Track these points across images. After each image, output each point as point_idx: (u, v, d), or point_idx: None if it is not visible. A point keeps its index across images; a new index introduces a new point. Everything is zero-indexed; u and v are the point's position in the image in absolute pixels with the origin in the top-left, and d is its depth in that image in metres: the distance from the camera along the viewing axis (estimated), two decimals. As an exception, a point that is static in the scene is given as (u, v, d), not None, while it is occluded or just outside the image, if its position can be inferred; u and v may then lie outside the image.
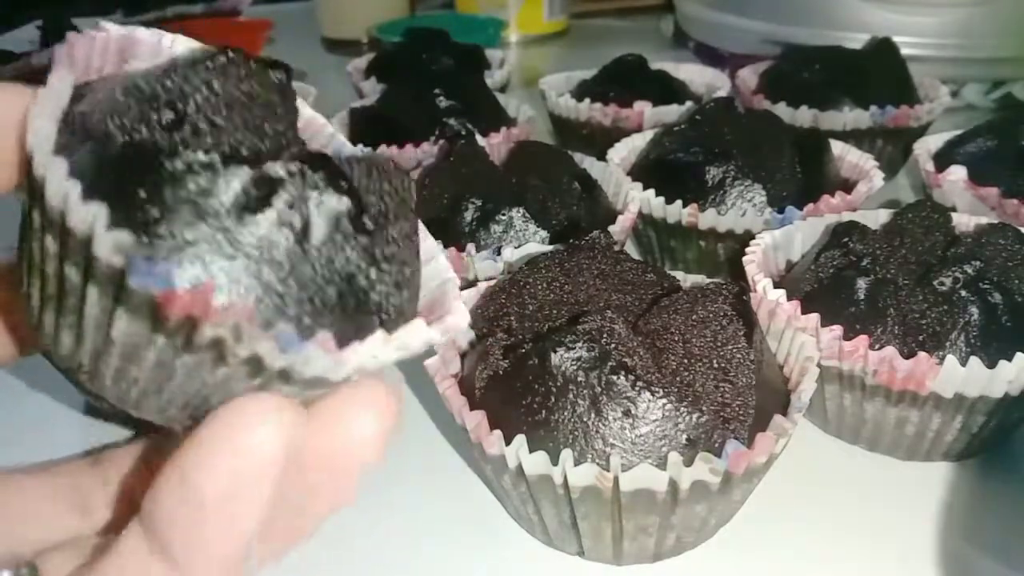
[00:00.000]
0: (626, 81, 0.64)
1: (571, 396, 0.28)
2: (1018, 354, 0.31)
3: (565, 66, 0.73)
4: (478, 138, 0.49)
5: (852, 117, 0.58)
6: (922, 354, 0.32)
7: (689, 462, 0.27)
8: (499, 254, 0.40)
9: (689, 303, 0.31)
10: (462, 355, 0.34)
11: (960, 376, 0.32)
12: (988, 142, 0.51)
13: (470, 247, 0.41)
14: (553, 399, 0.28)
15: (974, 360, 0.31)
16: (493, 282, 0.36)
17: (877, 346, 0.33)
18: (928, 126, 0.62)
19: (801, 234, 0.42)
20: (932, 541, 0.32)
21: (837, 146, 0.51)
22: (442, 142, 0.54)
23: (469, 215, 0.43)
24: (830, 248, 0.38)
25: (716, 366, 0.29)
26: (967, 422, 0.34)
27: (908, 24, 0.74)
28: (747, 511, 0.32)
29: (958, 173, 0.48)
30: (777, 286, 0.37)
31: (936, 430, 0.34)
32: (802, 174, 0.47)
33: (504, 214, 0.43)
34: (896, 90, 0.61)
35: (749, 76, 0.69)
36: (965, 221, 0.40)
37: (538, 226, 0.43)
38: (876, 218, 0.42)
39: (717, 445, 0.28)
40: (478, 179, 0.45)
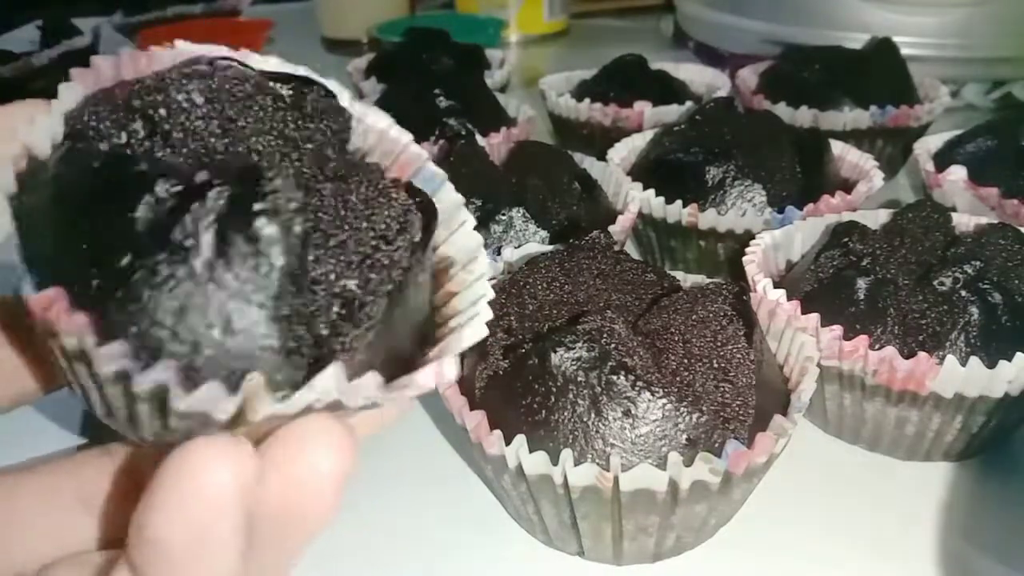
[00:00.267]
0: (626, 81, 0.64)
1: (571, 396, 0.28)
2: (1018, 354, 0.32)
3: (565, 66, 0.73)
4: (478, 138, 0.49)
5: (852, 117, 0.58)
6: (922, 354, 0.32)
7: (689, 462, 0.27)
8: (499, 254, 0.40)
9: (689, 303, 0.31)
10: (462, 355, 0.34)
11: (960, 376, 0.32)
12: (988, 142, 0.51)
13: (470, 247, 0.41)
14: (553, 399, 0.28)
15: (974, 360, 0.31)
16: (493, 282, 0.36)
17: (877, 346, 0.33)
18: (928, 126, 0.62)
19: (801, 234, 0.42)
20: (932, 541, 0.32)
21: (837, 146, 0.51)
22: (442, 142, 0.54)
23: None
24: (830, 248, 0.38)
25: (716, 366, 0.29)
26: (967, 422, 0.34)
27: (908, 24, 0.75)
28: (747, 511, 0.32)
29: (958, 173, 0.48)
30: (777, 286, 0.37)
31: (936, 430, 0.34)
32: (802, 174, 0.47)
33: (504, 214, 0.43)
34: (896, 90, 0.61)
35: (749, 76, 0.69)
36: (965, 221, 0.40)
37: (538, 226, 0.43)
38: (876, 218, 0.42)
39: (717, 445, 0.28)
40: (478, 179, 0.45)
